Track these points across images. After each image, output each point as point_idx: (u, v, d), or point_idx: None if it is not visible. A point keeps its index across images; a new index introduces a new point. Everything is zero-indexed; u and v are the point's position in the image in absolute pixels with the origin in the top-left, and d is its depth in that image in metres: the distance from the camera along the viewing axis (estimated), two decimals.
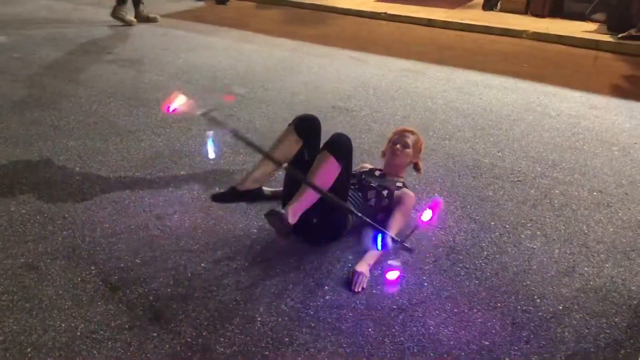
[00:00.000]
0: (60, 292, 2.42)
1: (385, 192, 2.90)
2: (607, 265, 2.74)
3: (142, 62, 5.85)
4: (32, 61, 5.76)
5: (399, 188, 2.96)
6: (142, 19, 7.55)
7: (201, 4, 9.15)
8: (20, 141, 3.89)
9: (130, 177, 3.46)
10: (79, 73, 5.42)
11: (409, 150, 3.07)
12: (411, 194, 2.97)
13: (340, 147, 2.65)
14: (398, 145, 3.05)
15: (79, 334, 2.21)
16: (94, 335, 2.20)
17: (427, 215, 2.49)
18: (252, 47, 6.59)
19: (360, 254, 2.74)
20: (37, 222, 2.94)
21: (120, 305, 2.37)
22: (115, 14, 7.28)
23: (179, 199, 3.22)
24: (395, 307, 2.41)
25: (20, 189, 3.27)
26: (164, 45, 6.54)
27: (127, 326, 2.26)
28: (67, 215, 3.00)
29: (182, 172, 3.54)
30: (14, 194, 3.21)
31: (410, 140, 3.07)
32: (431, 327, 2.31)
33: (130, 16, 7.41)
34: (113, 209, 3.09)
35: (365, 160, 3.58)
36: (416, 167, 3.19)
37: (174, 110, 2.42)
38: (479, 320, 2.36)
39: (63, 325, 2.25)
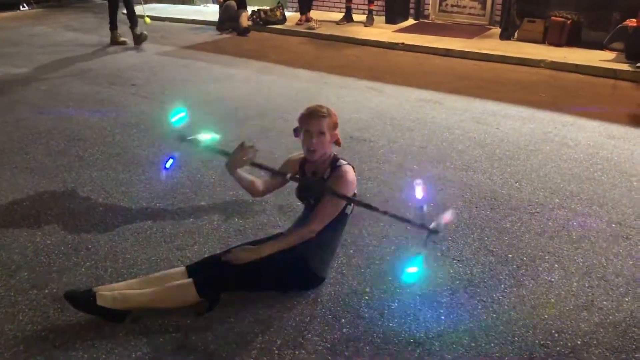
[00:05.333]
0: (83, 323, 2.48)
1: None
2: (626, 299, 2.72)
3: (165, 93, 6.00)
4: (58, 93, 5.94)
5: (325, 180, 2.67)
6: (138, 40, 8.22)
7: (222, 35, 9.36)
8: (46, 172, 4.01)
9: (152, 207, 3.53)
10: (103, 104, 5.57)
11: (326, 136, 2.62)
12: (341, 174, 2.63)
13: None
14: (314, 140, 2.60)
15: None
16: None
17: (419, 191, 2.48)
18: (271, 78, 6.72)
19: (377, 286, 2.77)
20: (61, 253, 3.02)
21: (141, 336, 2.42)
22: (113, 39, 8.32)
23: (199, 230, 3.28)
24: (412, 340, 2.42)
25: (45, 220, 3.36)
26: (186, 76, 6.70)
27: (147, 357, 2.30)
28: (90, 246, 3.08)
29: (202, 203, 3.61)
30: (40, 225, 3.30)
31: (324, 124, 2.61)
32: None
33: (123, 38, 8.33)
34: (135, 240, 3.16)
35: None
36: (337, 142, 2.75)
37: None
38: (497, 354, 2.36)
39: (85, 355, 2.30)
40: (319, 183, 2.70)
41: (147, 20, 8.68)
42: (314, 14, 9.87)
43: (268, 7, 9.85)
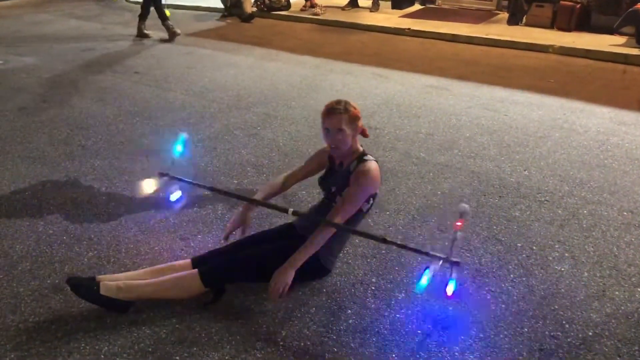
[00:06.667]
0: (85, 314, 2.44)
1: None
2: (639, 289, 2.66)
3: (168, 80, 5.94)
4: (61, 81, 5.89)
5: (350, 173, 2.58)
6: (170, 34, 7.89)
7: (226, 22, 9.26)
8: (49, 160, 3.97)
9: (155, 196, 3.49)
10: (106, 93, 5.52)
11: (346, 132, 2.52)
12: (365, 169, 2.54)
13: None
14: (333, 137, 2.54)
15: (102, 357, 2.22)
16: (117, 359, 2.21)
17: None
18: (276, 65, 6.64)
19: (384, 276, 2.72)
20: (63, 243, 2.98)
21: (144, 327, 2.38)
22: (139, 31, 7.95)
23: (203, 219, 3.24)
24: (419, 332, 2.37)
25: (48, 209, 3.32)
26: (189, 63, 6.63)
27: (150, 349, 2.26)
28: (93, 236, 3.04)
29: (205, 192, 3.55)
30: (42, 214, 3.27)
31: (342, 121, 2.52)
32: (456, 354, 2.26)
33: (147, 30, 8.00)
34: (138, 230, 3.11)
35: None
36: (363, 133, 2.67)
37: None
38: (506, 346, 2.31)
39: (87, 347, 2.27)
40: (343, 177, 2.62)
41: (167, 13, 8.51)
42: None
43: None
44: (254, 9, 9.50)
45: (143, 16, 7.89)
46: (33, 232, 3.08)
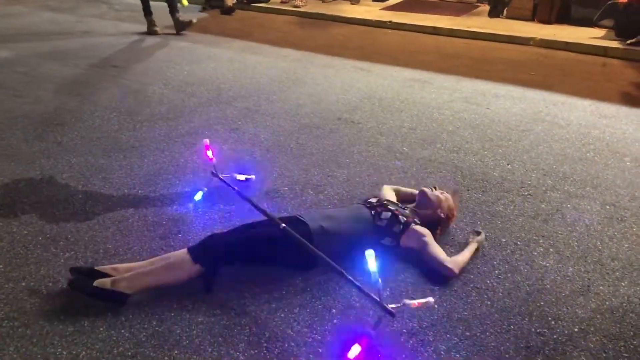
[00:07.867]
0: (62, 317, 2.36)
1: (402, 219, 2.78)
2: (623, 283, 2.66)
3: (146, 74, 5.82)
4: (36, 75, 5.74)
5: (416, 223, 2.83)
6: (180, 25, 7.65)
7: (205, 14, 9.12)
8: (23, 158, 3.85)
9: (133, 194, 3.40)
10: (83, 87, 5.39)
11: (438, 194, 2.96)
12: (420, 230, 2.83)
13: None
14: (429, 188, 3.02)
15: None
16: None
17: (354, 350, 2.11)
18: (256, 58, 6.56)
19: (368, 274, 2.68)
20: (39, 244, 2.89)
21: (122, 330, 2.31)
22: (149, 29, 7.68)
23: (183, 218, 3.16)
24: (405, 330, 2.34)
25: (22, 209, 3.22)
26: (168, 57, 6.52)
27: (129, 353, 2.19)
28: (69, 236, 2.95)
29: (186, 189, 3.48)
30: (16, 214, 3.16)
31: (449, 197, 3.00)
32: (442, 352, 2.23)
33: (156, 27, 7.70)
34: (116, 229, 3.03)
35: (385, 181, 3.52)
36: (439, 224, 2.94)
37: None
38: (492, 344, 2.28)
39: (64, 353, 2.19)
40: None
41: (184, 2, 8.28)
42: None
43: None
44: (235, 1, 9.38)
45: (173, 9, 7.67)
46: (7, 232, 2.98)
